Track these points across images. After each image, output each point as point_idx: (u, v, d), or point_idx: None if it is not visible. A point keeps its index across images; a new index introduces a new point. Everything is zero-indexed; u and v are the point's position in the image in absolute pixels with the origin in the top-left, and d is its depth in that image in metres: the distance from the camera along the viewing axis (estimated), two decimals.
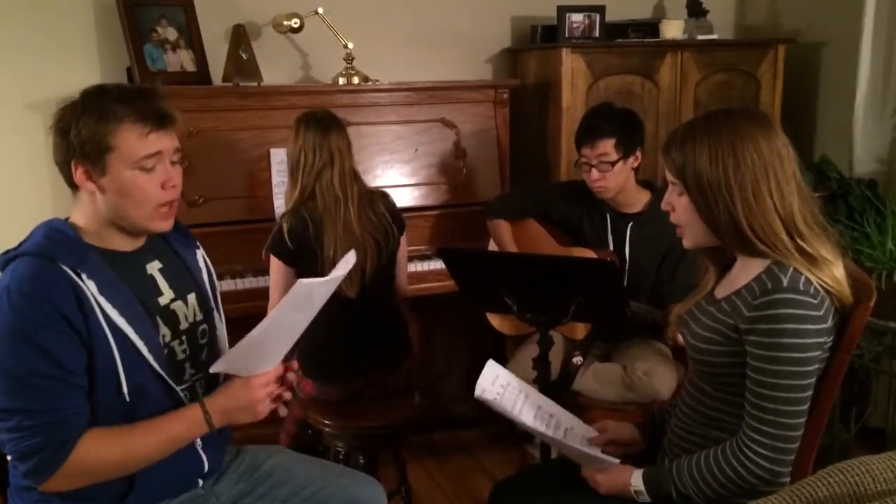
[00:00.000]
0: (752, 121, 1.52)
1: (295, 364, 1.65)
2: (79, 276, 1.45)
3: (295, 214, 2.38)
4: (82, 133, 1.49)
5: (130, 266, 1.59)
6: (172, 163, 1.59)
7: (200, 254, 1.78)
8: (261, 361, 1.59)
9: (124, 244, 1.60)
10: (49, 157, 1.57)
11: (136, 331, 1.50)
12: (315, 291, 1.53)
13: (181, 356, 1.64)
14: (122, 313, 1.49)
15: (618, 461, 1.66)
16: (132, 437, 1.49)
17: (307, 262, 2.36)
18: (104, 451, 1.47)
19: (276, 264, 2.42)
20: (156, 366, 1.53)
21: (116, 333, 1.47)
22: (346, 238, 2.33)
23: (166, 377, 1.55)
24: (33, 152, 2.92)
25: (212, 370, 1.60)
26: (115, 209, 1.54)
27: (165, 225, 1.60)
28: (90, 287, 1.46)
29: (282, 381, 1.63)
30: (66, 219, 1.58)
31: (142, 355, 1.51)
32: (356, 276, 2.36)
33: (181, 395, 1.59)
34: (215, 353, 1.73)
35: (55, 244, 1.48)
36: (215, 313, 1.76)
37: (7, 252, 1.51)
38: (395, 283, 2.61)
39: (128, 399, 1.49)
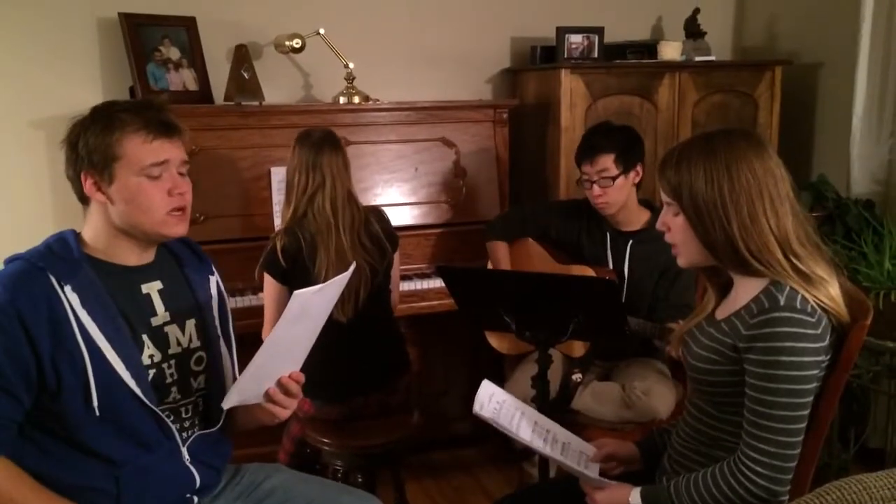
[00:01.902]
0: (746, 141, 1.53)
1: (301, 376, 1.63)
2: (62, 287, 1.47)
3: (288, 233, 2.38)
4: (90, 143, 1.53)
5: (126, 283, 1.60)
6: (180, 174, 1.60)
7: (215, 280, 1.77)
8: (270, 382, 1.58)
9: (132, 258, 1.61)
10: (51, 174, 1.60)
11: (114, 347, 1.51)
12: (311, 301, 1.52)
13: (169, 379, 1.63)
14: (102, 329, 1.50)
15: (615, 483, 1.65)
16: (19, 486, 1.45)
17: (301, 280, 2.34)
18: None
19: (269, 283, 2.42)
20: (131, 383, 1.52)
21: (92, 348, 1.48)
22: (339, 264, 2.32)
23: (142, 396, 1.53)
24: (36, 169, 2.91)
25: (224, 406, 1.58)
26: (125, 218, 1.56)
27: (179, 229, 1.61)
28: (72, 299, 1.48)
29: (287, 391, 1.60)
30: (80, 232, 1.60)
31: (116, 372, 1.50)
32: (350, 300, 2.36)
33: (161, 414, 1.58)
34: (213, 382, 1.71)
35: (51, 253, 1.51)
36: (222, 342, 1.74)
37: (13, 255, 1.54)
38: (391, 300, 2.61)
39: (98, 413, 1.49)
